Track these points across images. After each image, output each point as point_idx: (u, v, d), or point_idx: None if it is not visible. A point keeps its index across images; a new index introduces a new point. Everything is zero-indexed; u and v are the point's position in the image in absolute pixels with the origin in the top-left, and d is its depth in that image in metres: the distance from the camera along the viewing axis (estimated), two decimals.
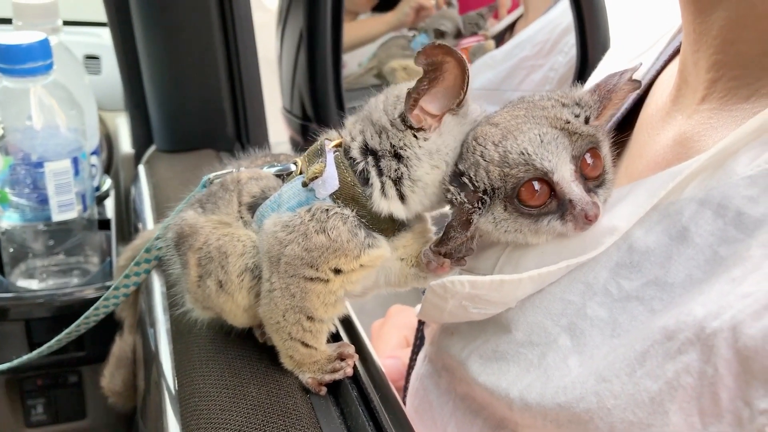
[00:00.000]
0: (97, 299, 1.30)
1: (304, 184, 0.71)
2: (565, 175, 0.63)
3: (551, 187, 0.63)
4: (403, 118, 0.67)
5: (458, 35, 1.87)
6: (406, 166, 0.68)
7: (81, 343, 1.38)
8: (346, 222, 0.69)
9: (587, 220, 0.62)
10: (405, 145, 0.68)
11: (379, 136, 0.69)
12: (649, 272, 0.58)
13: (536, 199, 0.63)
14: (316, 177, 0.70)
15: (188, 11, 1.45)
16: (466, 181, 0.65)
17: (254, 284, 0.74)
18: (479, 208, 0.65)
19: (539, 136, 0.63)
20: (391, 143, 0.68)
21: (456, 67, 0.63)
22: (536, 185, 0.63)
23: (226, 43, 1.50)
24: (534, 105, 0.68)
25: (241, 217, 0.76)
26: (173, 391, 0.80)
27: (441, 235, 0.67)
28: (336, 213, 0.69)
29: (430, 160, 0.68)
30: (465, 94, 0.66)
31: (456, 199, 0.66)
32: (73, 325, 0.97)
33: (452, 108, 0.67)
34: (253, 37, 1.52)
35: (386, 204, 0.69)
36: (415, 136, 0.67)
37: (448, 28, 1.88)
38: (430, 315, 0.75)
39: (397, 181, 0.69)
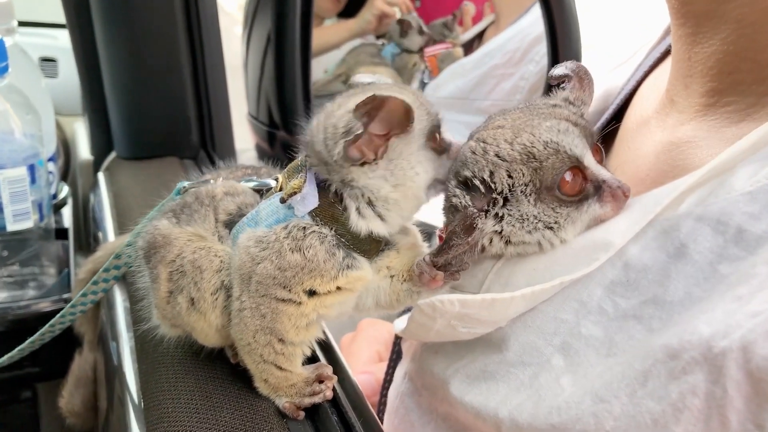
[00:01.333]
0: (53, 312, 1.25)
1: (282, 201, 0.68)
2: (590, 159, 0.63)
3: (583, 173, 0.63)
4: (344, 157, 0.64)
5: (425, 41, 1.87)
6: (370, 190, 0.66)
7: (36, 359, 1.32)
8: (323, 241, 0.65)
9: (625, 196, 0.62)
10: (353, 178, 0.65)
11: (326, 168, 0.66)
12: (647, 290, 0.57)
13: (575, 186, 0.63)
14: (295, 193, 0.67)
15: (152, 12, 1.40)
16: (478, 184, 0.63)
17: (229, 303, 0.69)
18: (486, 212, 0.64)
19: (555, 126, 0.63)
20: (340, 177, 0.66)
21: (396, 105, 0.61)
22: (569, 174, 0.63)
23: (191, 46, 1.45)
24: (528, 107, 0.67)
25: (218, 233, 0.72)
26: (139, 413, 0.75)
27: (441, 244, 0.64)
28: (314, 231, 0.66)
29: (386, 183, 0.66)
30: (411, 123, 0.63)
31: (462, 203, 0.64)
32: (36, 335, 0.92)
33: (397, 133, 0.64)
34: (219, 40, 1.48)
35: (365, 224, 0.66)
36: (361, 168, 0.65)
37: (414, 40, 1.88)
38: (415, 335, 0.72)
39: (370, 203, 0.66)
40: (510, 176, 0.63)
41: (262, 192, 0.74)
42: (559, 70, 0.71)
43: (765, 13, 0.58)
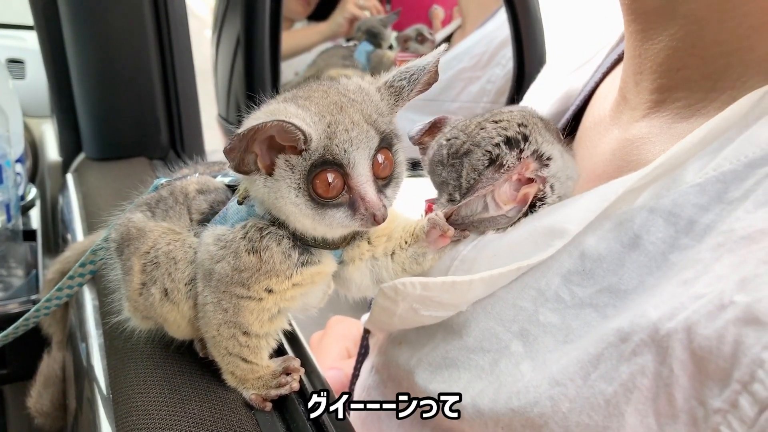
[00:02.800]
0: (21, 314, 1.24)
1: (239, 203, 0.69)
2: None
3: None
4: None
5: (406, 39, 1.88)
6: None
7: (3, 360, 1.31)
8: (280, 243, 0.66)
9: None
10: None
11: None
12: (602, 279, 0.59)
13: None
14: (248, 196, 0.68)
15: (121, 13, 1.41)
16: (520, 139, 0.69)
17: None
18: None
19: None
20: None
21: (272, 128, 0.59)
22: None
23: (160, 47, 1.45)
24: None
25: (193, 230, 0.72)
26: (109, 409, 0.76)
27: (465, 196, 0.68)
28: (270, 233, 0.66)
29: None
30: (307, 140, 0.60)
31: (508, 162, 0.68)
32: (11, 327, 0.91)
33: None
34: (188, 41, 1.48)
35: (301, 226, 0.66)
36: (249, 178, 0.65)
37: (377, 28, 1.88)
38: (379, 320, 0.73)
39: None
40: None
41: (235, 188, 0.74)
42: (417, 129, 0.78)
43: (711, 9, 0.60)
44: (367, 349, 0.93)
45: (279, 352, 0.75)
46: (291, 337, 0.81)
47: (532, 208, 0.69)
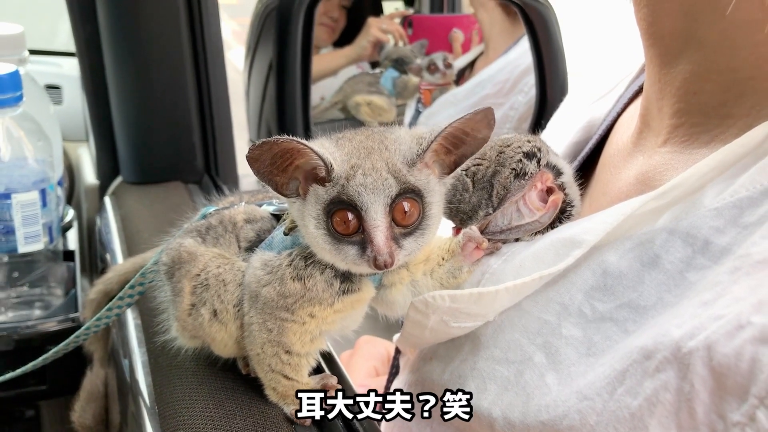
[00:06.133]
0: (59, 332, 1.28)
1: (285, 234, 0.73)
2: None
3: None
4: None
5: (418, 69, 1.93)
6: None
7: (42, 377, 1.34)
8: (323, 272, 0.70)
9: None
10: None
11: None
12: (623, 295, 0.62)
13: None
14: (295, 226, 0.72)
15: (160, 42, 1.47)
16: (539, 155, 0.76)
17: None
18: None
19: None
20: None
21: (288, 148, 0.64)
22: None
23: (197, 75, 1.51)
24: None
25: (242, 257, 0.77)
26: (155, 423, 0.80)
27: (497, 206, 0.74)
28: (315, 261, 0.70)
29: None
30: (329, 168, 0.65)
31: (530, 170, 0.75)
32: (62, 344, 0.94)
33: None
34: (224, 69, 1.54)
35: None
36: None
37: (409, 58, 1.93)
38: (412, 334, 0.77)
39: None
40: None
41: (280, 216, 0.78)
42: None
43: (724, 35, 0.63)
44: (397, 368, 0.96)
45: (316, 370, 0.79)
46: (327, 357, 0.85)
47: (563, 213, 0.76)
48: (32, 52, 1.45)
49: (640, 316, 0.60)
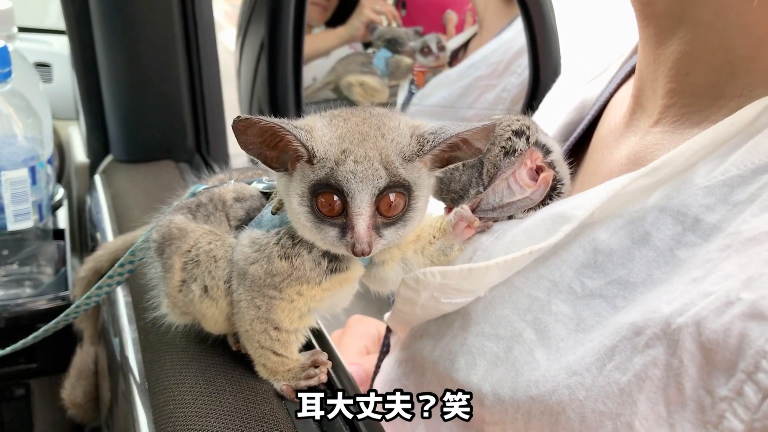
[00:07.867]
0: (50, 310, 1.28)
1: (273, 213, 0.73)
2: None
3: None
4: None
5: (412, 51, 1.92)
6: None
7: (33, 355, 1.35)
8: (311, 250, 0.70)
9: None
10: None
11: None
12: (612, 272, 0.63)
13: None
14: (283, 206, 0.72)
15: (151, 19, 1.45)
16: (528, 132, 0.77)
17: None
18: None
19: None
20: None
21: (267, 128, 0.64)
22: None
23: (188, 52, 1.50)
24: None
25: (231, 234, 0.77)
26: (145, 399, 0.80)
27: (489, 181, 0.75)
28: (302, 240, 0.70)
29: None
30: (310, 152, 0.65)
31: (519, 148, 0.75)
32: (51, 323, 0.94)
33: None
34: (215, 48, 1.53)
35: None
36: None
37: (403, 39, 1.92)
38: (402, 311, 0.77)
39: None
40: None
41: (270, 194, 0.78)
42: None
43: (717, 15, 0.63)
44: (388, 347, 0.97)
45: (307, 347, 0.79)
46: (317, 333, 0.85)
47: (554, 190, 0.76)
48: (22, 29, 1.44)
49: (630, 292, 0.60)
